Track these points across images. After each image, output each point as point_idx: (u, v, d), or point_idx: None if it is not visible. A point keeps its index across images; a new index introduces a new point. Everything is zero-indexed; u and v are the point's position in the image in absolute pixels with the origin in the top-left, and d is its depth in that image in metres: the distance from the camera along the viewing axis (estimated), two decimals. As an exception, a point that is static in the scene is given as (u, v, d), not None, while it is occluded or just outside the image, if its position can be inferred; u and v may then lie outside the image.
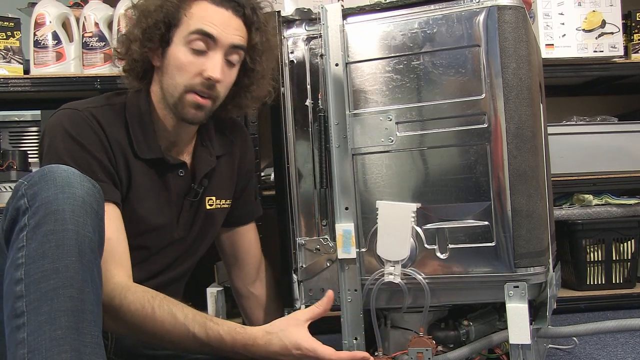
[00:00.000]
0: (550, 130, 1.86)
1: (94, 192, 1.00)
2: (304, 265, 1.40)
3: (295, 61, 1.39)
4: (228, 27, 1.24)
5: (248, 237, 1.50)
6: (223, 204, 1.40)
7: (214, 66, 1.23)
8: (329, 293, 1.28)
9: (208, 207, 1.36)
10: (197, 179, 1.33)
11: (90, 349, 0.91)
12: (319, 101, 1.38)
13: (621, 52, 2.18)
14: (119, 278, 1.14)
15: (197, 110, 1.26)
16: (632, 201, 2.21)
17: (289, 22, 1.40)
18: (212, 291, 1.84)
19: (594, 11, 2.15)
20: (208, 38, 1.22)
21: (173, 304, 1.16)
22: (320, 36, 1.36)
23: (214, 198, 1.37)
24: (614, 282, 2.21)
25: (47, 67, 2.07)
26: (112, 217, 1.17)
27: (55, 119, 1.22)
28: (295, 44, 1.39)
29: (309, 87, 1.40)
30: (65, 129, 1.18)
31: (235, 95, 1.35)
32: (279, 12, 1.40)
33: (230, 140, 1.45)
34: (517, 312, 1.22)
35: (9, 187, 2.09)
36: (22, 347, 0.88)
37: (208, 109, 1.27)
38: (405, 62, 1.30)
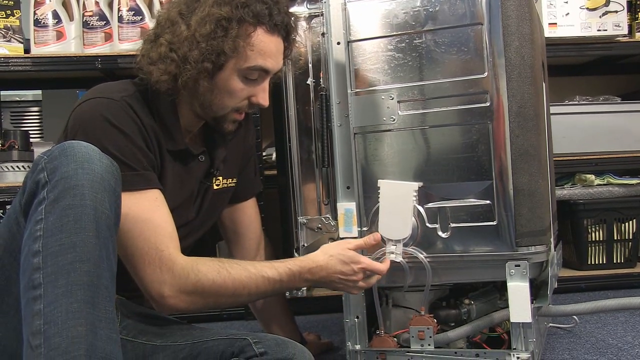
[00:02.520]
0: (553, 110, 1.85)
1: (112, 169, 1.01)
2: (305, 244, 1.41)
3: (296, 39, 1.38)
4: (278, 55, 1.26)
5: (248, 213, 1.51)
6: (230, 183, 1.41)
7: (265, 95, 1.27)
8: (376, 235, 1.30)
9: (215, 187, 1.37)
10: (216, 164, 1.34)
11: (105, 323, 0.93)
12: (321, 80, 1.38)
13: (625, 31, 2.16)
14: (181, 258, 1.17)
15: (234, 124, 1.30)
16: (634, 181, 2.20)
17: (290, 0, 1.39)
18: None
19: (598, -11, 2.13)
20: (263, 72, 1.24)
21: (235, 261, 1.23)
22: (322, 14, 1.35)
23: (220, 178, 1.38)
24: (615, 261, 2.22)
25: (47, 47, 2.06)
26: (162, 203, 1.19)
27: (90, 108, 1.19)
28: (296, 22, 1.38)
29: (310, 65, 1.39)
30: (106, 119, 1.16)
31: None
32: (280, -10, 1.39)
33: None
34: (518, 291, 1.23)
35: (11, 166, 2.09)
36: (39, 318, 0.90)
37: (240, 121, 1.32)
38: (407, 41, 1.29)
